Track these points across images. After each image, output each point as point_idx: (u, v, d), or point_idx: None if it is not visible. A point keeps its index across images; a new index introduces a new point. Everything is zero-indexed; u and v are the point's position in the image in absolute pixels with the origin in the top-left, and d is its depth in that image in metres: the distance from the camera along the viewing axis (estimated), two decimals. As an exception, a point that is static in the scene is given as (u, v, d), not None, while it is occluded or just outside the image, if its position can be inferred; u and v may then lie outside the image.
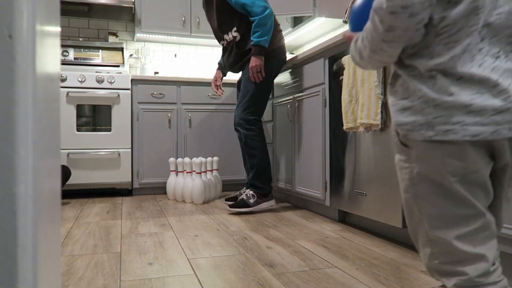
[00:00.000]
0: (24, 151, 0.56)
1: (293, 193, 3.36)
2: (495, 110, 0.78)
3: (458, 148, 0.82)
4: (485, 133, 0.78)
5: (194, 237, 2.38)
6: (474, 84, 0.79)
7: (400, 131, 0.90)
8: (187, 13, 4.65)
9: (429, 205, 0.88)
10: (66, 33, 4.68)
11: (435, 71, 0.82)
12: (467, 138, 0.79)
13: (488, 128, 0.78)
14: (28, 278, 0.57)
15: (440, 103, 0.81)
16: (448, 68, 0.81)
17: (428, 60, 0.84)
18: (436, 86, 0.82)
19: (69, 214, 3.12)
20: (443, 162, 0.83)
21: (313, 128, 2.99)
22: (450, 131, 0.80)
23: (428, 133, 0.82)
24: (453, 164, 0.83)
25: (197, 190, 3.55)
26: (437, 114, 0.81)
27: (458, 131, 0.79)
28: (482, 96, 0.79)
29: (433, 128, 0.82)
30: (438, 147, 0.83)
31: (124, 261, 1.94)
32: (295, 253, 2.05)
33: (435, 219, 0.87)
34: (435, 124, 0.81)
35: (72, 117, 3.87)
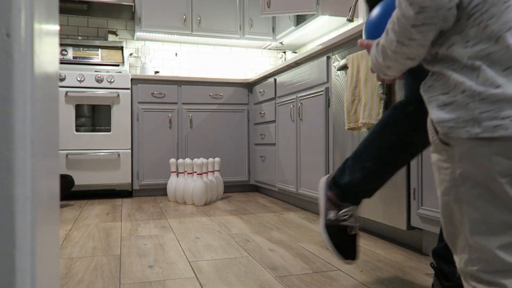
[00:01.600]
0: (22, 152, 0.57)
1: (296, 194, 3.36)
2: None
3: (509, 145, 0.75)
4: None
5: (195, 239, 2.38)
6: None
7: (440, 128, 0.82)
8: (188, 11, 4.66)
9: (472, 209, 0.81)
10: (64, 31, 4.69)
11: (478, 60, 0.76)
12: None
13: None
14: (26, 281, 0.57)
15: (487, 97, 0.74)
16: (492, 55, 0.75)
17: (465, 46, 0.78)
18: (480, 78, 0.76)
19: (68, 216, 3.12)
20: (492, 161, 0.76)
21: (316, 128, 2.98)
22: (499, 126, 0.73)
23: (474, 129, 0.75)
24: (503, 163, 0.76)
25: (198, 191, 3.55)
26: (484, 108, 0.74)
27: (508, 126, 0.72)
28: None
29: (480, 124, 0.75)
30: (486, 145, 0.76)
31: (124, 263, 1.94)
32: (298, 256, 2.04)
33: (478, 225, 0.80)
34: (482, 119, 0.74)
35: (71, 117, 3.88)
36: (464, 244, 0.84)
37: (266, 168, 4.01)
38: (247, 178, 4.44)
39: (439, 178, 0.88)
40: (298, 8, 3.87)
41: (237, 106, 4.42)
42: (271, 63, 5.38)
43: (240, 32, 4.85)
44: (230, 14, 4.81)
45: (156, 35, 4.69)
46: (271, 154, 3.86)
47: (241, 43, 5.07)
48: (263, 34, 4.93)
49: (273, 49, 5.35)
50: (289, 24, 4.52)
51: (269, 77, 3.93)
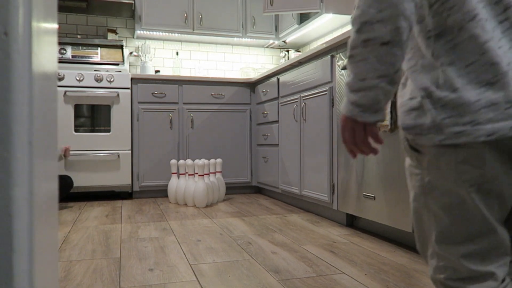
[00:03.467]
0: (20, 153, 0.57)
1: (299, 196, 3.36)
2: (509, 102, 0.71)
3: (474, 152, 0.74)
4: (502, 130, 0.70)
5: (197, 242, 2.38)
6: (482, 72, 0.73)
7: (407, 135, 0.82)
8: (189, 9, 4.66)
9: (439, 218, 0.81)
10: (63, 30, 4.70)
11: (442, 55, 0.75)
12: (482, 139, 0.71)
13: (506, 124, 0.70)
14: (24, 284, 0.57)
15: (447, 102, 0.73)
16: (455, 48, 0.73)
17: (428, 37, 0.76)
18: (441, 80, 0.75)
19: (67, 218, 3.13)
20: (458, 169, 0.76)
21: (320, 128, 2.98)
22: (461, 133, 0.72)
23: (437, 137, 0.75)
24: (469, 172, 0.75)
25: (200, 193, 3.56)
26: (445, 114, 0.74)
27: (470, 132, 0.71)
28: (491, 87, 0.71)
29: (442, 131, 0.74)
30: (451, 153, 0.75)
31: (124, 266, 1.94)
32: (301, 259, 2.04)
33: (443, 233, 0.81)
34: (444, 126, 0.74)
35: (70, 117, 3.89)
36: (432, 251, 0.84)
37: (268, 169, 4.01)
38: (249, 180, 4.44)
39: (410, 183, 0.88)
40: (301, 6, 3.87)
41: (239, 106, 4.42)
42: (274, 62, 5.38)
43: (242, 31, 4.85)
44: (232, 12, 4.81)
45: (156, 33, 4.70)
46: (274, 155, 3.86)
47: (243, 41, 5.07)
48: (265, 33, 4.93)
49: (276, 48, 5.35)
50: (292, 22, 4.52)
51: (272, 76, 3.93)
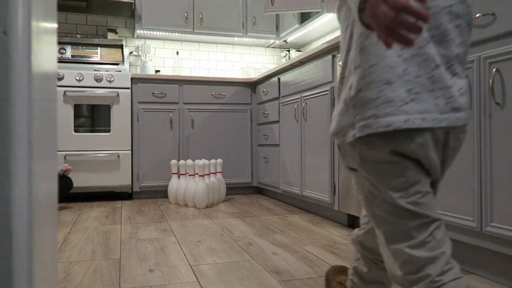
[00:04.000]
0: (20, 153, 0.57)
1: (300, 196, 3.36)
2: (403, 100, 0.81)
3: (396, 165, 0.85)
4: (397, 123, 0.81)
5: (197, 243, 2.38)
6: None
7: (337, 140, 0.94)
8: (190, 8, 4.66)
9: (382, 221, 0.90)
10: (63, 29, 4.70)
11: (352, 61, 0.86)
12: (381, 129, 0.82)
13: (400, 118, 0.81)
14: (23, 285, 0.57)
15: (356, 102, 0.85)
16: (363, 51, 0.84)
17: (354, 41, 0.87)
18: (350, 83, 0.86)
19: (67, 219, 3.13)
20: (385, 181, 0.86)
21: (321, 128, 2.98)
22: (366, 125, 0.83)
23: (352, 132, 0.87)
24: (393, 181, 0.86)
25: (200, 193, 3.56)
26: (355, 112, 0.86)
27: (371, 125, 0.83)
28: (389, 87, 0.82)
29: (354, 126, 0.86)
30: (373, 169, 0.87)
31: (124, 267, 1.94)
32: (302, 259, 2.04)
33: (390, 234, 0.89)
34: (355, 122, 0.85)
35: (70, 117, 3.89)
36: (387, 252, 0.92)
37: (269, 170, 4.01)
38: (250, 180, 4.44)
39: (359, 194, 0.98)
40: (302, 6, 3.87)
41: (239, 106, 4.42)
42: (275, 62, 5.38)
43: (243, 30, 4.85)
44: (233, 11, 4.81)
45: (156, 33, 4.70)
46: (275, 155, 3.86)
47: (244, 41, 5.07)
48: (266, 32, 4.93)
49: (276, 47, 5.35)
50: (293, 22, 4.52)
51: (273, 76, 3.93)
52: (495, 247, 1.68)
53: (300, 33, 4.56)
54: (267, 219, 3.06)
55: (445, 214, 1.89)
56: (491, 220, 1.67)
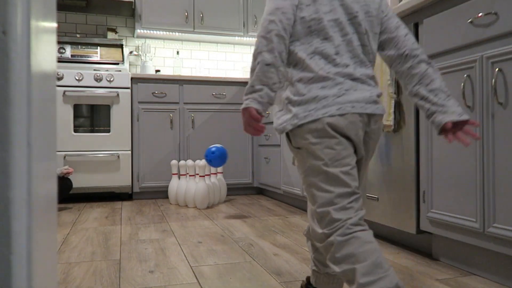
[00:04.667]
0: (19, 153, 0.57)
1: (301, 197, 3.36)
2: (335, 95, 1.15)
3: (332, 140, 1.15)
4: (331, 111, 1.14)
5: (197, 244, 2.38)
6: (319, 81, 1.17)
7: (279, 133, 1.24)
8: (190, 8, 4.66)
9: (317, 189, 1.18)
10: (62, 29, 4.70)
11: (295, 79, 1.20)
12: (319, 116, 1.14)
13: (334, 107, 1.14)
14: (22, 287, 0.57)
15: (300, 101, 1.17)
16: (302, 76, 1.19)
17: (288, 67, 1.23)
18: (294, 90, 1.19)
19: (66, 220, 3.13)
20: (323, 152, 1.15)
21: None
22: (308, 115, 1.15)
23: (294, 121, 1.17)
24: (329, 152, 1.15)
25: (201, 194, 3.56)
26: (298, 108, 1.17)
27: (313, 115, 1.14)
28: (324, 88, 1.16)
29: (297, 116, 1.16)
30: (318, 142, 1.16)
31: (124, 269, 1.95)
32: (304, 261, 2.04)
33: (322, 199, 1.16)
34: (298, 114, 1.17)
35: (69, 117, 3.89)
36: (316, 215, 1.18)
37: (270, 170, 4.01)
38: (251, 180, 4.44)
39: (299, 171, 1.28)
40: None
41: (240, 106, 4.40)
42: (276, 62, 5.37)
43: (244, 30, 4.85)
44: (234, 10, 4.81)
45: (157, 32, 4.70)
46: (276, 155, 3.86)
47: (245, 40, 5.07)
48: (267, 32, 4.92)
49: (277, 47, 5.34)
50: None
51: (274, 75, 3.92)
52: (497, 248, 1.68)
53: (301, 33, 4.55)
54: (268, 220, 3.06)
55: (447, 214, 1.89)
56: (494, 221, 1.67)
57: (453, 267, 1.93)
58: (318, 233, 1.17)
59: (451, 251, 1.98)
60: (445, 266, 1.94)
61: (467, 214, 1.79)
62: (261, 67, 1.16)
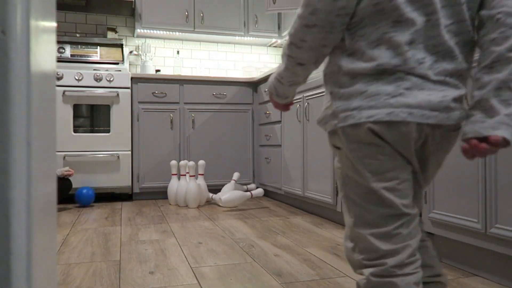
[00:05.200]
0: (18, 154, 0.57)
1: (302, 197, 3.35)
2: (389, 94, 0.86)
3: (373, 148, 0.91)
4: (380, 114, 0.86)
5: (198, 245, 2.38)
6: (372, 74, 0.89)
7: (321, 127, 1.03)
8: (190, 7, 4.66)
9: (354, 204, 0.96)
10: (62, 28, 4.70)
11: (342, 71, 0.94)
12: (361, 120, 0.88)
13: (383, 110, 0.86)
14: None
15: (342, 94, 0.92)
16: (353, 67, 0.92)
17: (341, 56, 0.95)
18: (340, 82, 0.94)
19: (66, 220, 3.13)
20: (363, 162, 0.92)
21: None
22: (349, 116, 0.90)
23: (333, 121, 0.94)
24: (371, 164, 0.91)
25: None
26: (339, 104, 0.92)
27: (355, 116, 0.89)
28: (377, 82, 0.88)
29: (337, 116, 0.93)
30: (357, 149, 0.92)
31: (124, 269, 1.95)
32: (305, 262, 2.04)
33: (359, 218, 0.95)
34: (338, 112, 0.92)
35: (69, 117, 3.89)
36: (350, 234, 0.99)
37: (271, 171, 4.01)
38: (252, 181, 4.44)
39: (336, 175, 1.06)
40: (304, 4, 3.86)
41: (241, 106, 4.42)
42: (277, 61, 5.37)
43: (245, 29, 4.85)
44: (234, 10, 4.81)
45: (157, 32, 4.70)
46: (277, 155, 3.86)
47: (245, 40, 5.07)
48: (268, 31, 4.93)
49: (278, 46, 5.35)
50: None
51: (275, 75, 3.93)
52: (499, 249, 1.68)
53: (302, 32, 4.55)
54: (269, 221, 3.06)
55: (448, 215, 1.89)
56: (496, 222, 1.67)
57: (455, 268, 1.93)
58: (351, 255, 0.98)
59: (453, 252, 1.97)
60: (447, 267, 1.93)
61: (469, 215, 1.79)
62: (292, 65, 1.00)
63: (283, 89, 1.09)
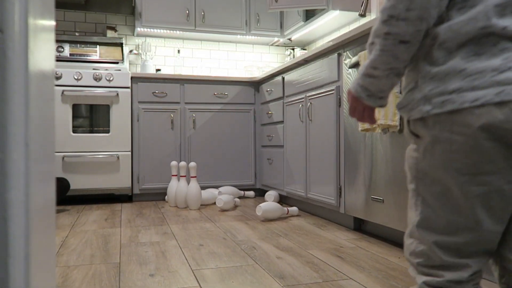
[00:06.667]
0: (16, 154, 0.57)
1: (305, 199, 3.35)
2: (495, 70, 0.73)
3: (470, 141, 0.76)
4: (488, 96, 0.72)
5: (199, 247, 2.38)
6: (470, 45, 0.77)
7: (403, 114, 0.89)
8: (191, 5, 4.67)
9: (425, 204, 0.87)
10: (61, 27, 4.71)
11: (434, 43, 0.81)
12: (466, 105, 0.74)
13: (491, 90, 0.72)
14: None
15: (435, 74, 0.79)
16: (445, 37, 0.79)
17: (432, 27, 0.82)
18: (431, 57, 0.81)
19: (65, 222, 3.13)
20: (450, 157, 0.79)
21: (326, 129, 2.98)
22: (447, 101, 0.76)
23: (425, 107, 0.80)
24: (460, 160, 0.78)
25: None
26: (433, 85, 0.79)
27: (455, 100, 0.75)
28: (479, 57, 0.75)
29: (430, 101, 0.79)
30: (446, 140, 0.79)
31: (124, 272, 1.95)
32: (307, 264, 2.04)
33: (426, 220, 0.87)
34: (431, 96, 0.79)
35: (68, 117, 3.90)
36: (412, 233, 0.91)
37: (273, 171, 4.01)
38: (254, 182, 4.44)
39: (407, 165, 0.93)
40: (307, 3, 3.87)
41: (243, 106, 4.42)
42: (279, 61, 5.38)
43: (246, 28, 4.85)
44: (236, 9, 4.81)
45: (157, 31, 4.70)
46: (279, 156, 3.86)
47: (247, 39, 5.07)
48: (270, 30, 4.93)
49: (281, 45, 5.35)
50: (298, 19, 4.52)
51: (277, 75, 3.93)
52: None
53: (305, 31, 4.55)
54: (271, 222, 3.06)
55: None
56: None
57: None
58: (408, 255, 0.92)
59: (458, 255, 1.97)
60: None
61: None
62: (392, 44, 0.83)
63: (378, 83, 0.89)
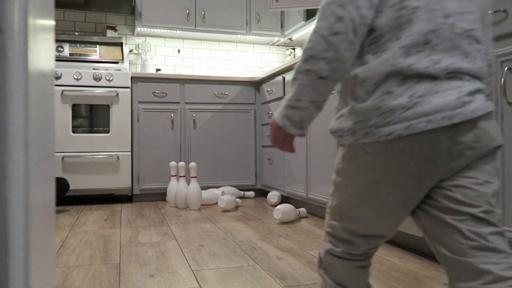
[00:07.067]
0: (16, 155, 0.57)
1: (306, 199, 3.35)
2: (403, 107, 0.85)
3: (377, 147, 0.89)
4: (398, 130, 0.85)
5: (199, 247, 2.38)
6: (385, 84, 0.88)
7: (334, 137, 1.01)
8: (191, 5, 4.66)
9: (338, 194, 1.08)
10: (61, 27, 4.71)
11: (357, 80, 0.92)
12: (382, 139, 0.86)
13: (401, 125, 0.85)
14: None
15: (358, 109, 0.91)
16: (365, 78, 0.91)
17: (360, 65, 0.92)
18: (355, 94, 0.93)
19: (64, 222, 3.14)
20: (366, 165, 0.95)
21: (327, 129, 2.97)
22: (368, 133, 0.89)
23: (352, 138, 0.93)
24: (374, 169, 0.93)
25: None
26: (357, 119, 0.91)
27: (374, 133, 0.88)
28: (391, 95, 0.86)
29: (356, 133, 0.91)
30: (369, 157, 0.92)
31: (124, 272, 1.95)
32: (308, 265, 2.04)
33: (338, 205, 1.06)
34: (356, 129, 0.91)
35: (68, 117, 3.90)
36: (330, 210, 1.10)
37: (274, 172, 4.00)
38: (254, 182, 4.44)
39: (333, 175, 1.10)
40: (307, 2, 3.87)
41: (243, 106, 4.42)
42: (280, 61, 5.37)
43: (247, 28, 4.85)
44: (236, 8, 4.81)
45: (157, 30, 4.70)
46: (279, 156, 3.85)
47: (247, 39, 5.07)
48: (270, 30, 4.93)
49: (281, 45, 5.35)
50: (298, 19, 4.51)
51: (277, 75, 3.93)
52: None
53: (305, 31, 4.55)
54: (271, 223, 3.06)
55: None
56: (503, 225, 1.66)
57: None
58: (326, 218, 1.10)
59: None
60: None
61: None
62: (313, 79, 0.93)
63: (301, 113, 0.97)
